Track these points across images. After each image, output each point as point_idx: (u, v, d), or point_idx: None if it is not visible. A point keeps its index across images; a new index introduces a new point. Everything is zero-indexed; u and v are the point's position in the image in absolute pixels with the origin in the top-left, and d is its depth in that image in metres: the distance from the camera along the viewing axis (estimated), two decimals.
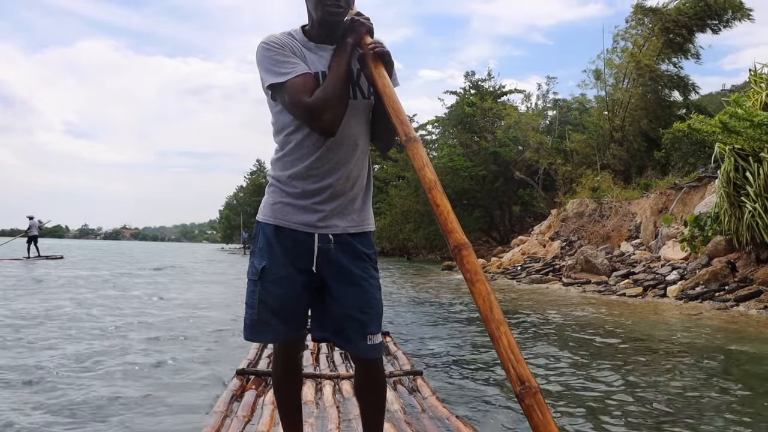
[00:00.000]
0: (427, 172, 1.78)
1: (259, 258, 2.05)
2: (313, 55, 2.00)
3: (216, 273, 19.81)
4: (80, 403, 3.73)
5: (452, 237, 1.67)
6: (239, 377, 3.62)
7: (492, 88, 34.94)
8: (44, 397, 3.89)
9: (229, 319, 7.55)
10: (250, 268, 2.08)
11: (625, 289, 11.07)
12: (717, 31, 20.54)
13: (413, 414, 3.05)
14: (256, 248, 2.08)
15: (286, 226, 2.01)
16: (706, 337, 6.55)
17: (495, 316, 1.54)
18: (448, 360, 5.33)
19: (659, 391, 4.19)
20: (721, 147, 10.31)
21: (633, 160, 21.98)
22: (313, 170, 1.98)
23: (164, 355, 5.33)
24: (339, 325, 2.02)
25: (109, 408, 3.64)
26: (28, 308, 8.07)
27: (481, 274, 1.61)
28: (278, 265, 2.01)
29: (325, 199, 2.00)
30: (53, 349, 5.43)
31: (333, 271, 2.02)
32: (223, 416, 2.95)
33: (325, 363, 4.28)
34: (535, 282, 14.20)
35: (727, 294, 9.12)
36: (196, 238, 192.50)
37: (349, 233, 2.04)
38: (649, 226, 15.30)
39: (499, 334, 1.52)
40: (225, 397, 3.25)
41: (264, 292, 2.01)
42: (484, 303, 1.56)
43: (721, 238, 10.74)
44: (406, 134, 1.86)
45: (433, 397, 3.36)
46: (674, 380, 4.51)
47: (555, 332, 6.97)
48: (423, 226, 31.89)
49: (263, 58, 1.96)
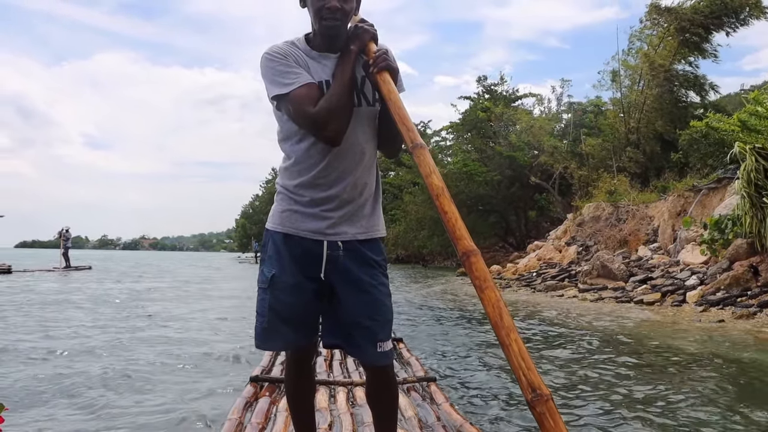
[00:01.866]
0: (434, 179, 1.76)
1: (268, 266, 2.04)
2: (317, 64, 1.99)
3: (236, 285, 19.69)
4: (94, 410, 3.78)
5: (460, 244, 1.66)
6: (253, 384, 3.60)
7: (505, 92, 34.63)
8: (67, 404, 3.95)
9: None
10: (260, 276, 2.08)
11: (642, 295, 10.70)
12: (734, 29, 20.09)
13: (427, 421, 3.02)
14: (266, 256, 2.08)
15: (295, 233, 2.00)
16: (728, 347, 6.21)
17: (505, 323, 1.52)
18: (462, 366, 5.26)
19: (670, 406, 3.90)
20: (740, 146, 9.94)
21: (650, 162, 21.53)
22: (320, 179, 1.98)
23: (180, 361, 5.42)
24: (348, 332, 2.01)
25: (123, 416, 3.67)
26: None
27: (490, 281, 1.59)
28: (288, 273, 2.00)
29: (334, 207, 1.99)
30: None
31: (342, 278, 2.00)
32: (237, 423, 2.94)
33: (339, 369, 4.26)
34: (550, 289, 13.86)
35: (750, 299, 8.74)
36: (214, 248, 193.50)
37: (358, 240, 2.02)
38: (667, 230, 14.88)
39: (509, 341, 1.50)
40: (239, 404, 3.23)
41: (274, 300, 2.01)
42: (493, 310, 1.55)
43: (742, 241, 10.33)
44: (413, 141, 1.83)
45: (446, 404, 3.31)
46: (689, 395, 4.20)
47: (568, 341, 6.66)
48: (437, 233, 31.62)
49: (267, 69, 1.95)
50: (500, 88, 35.71)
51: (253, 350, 5.56)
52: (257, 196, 72.43)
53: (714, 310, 8.79)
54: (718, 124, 8.90)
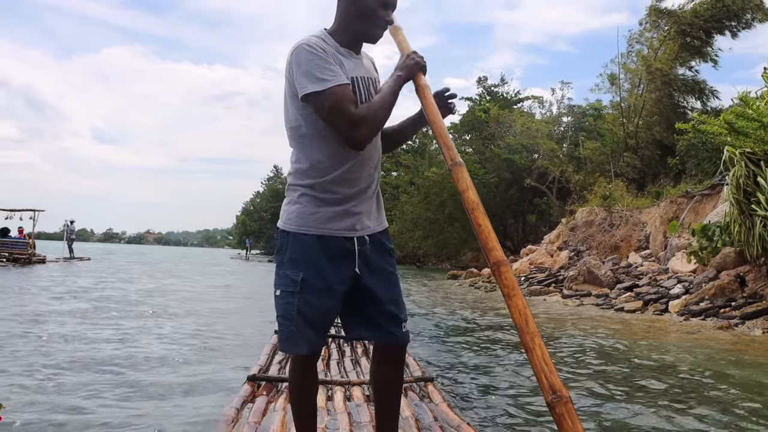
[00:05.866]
0: (471, 194, 1.86)
1: (293, 269, 2.02)
2: (347, 60, 2.03)
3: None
4: (86, 407, 3.74)
5: (492, 254, 1.75)
6: (250, 383, 3.58)
7: (506, 94, 34.21)
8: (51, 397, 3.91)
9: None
10: (282, 279, 2.04)
11: (624, 303, 10.29)
12: (736, 33, 19.60)
13: (424, 421, 3.01)
14: (286, 259, 2.04)
15: (329, 234, 2.02)
16: (693, 359, 5.81)
17: (530, 329, 1.61)
18: (459, 367, 5.26)
19: (616, 419, 3.51)
20: (730, 150, 9.51)
21: (648, 168, 21.08)
22: (351, 173, 2.02)
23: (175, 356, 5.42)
24: (373, 321, 2.08)
25: (119, 414, 3.61)
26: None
27: (518, 289, 1.68)
28: (318, 275, 2.00)
29: (360, 202, 2.06)
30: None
31: (369, 270, 2.06)
32: (233, 422, 2.93)
33: (336, 369, 4.23)
34: (534, 294, 13.44)
35: (733, 311, 8.31)
36: (218, 244, 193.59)
37: (377, 231, 2.12)
38: (659, 237, 14.47)
39: (533, 345, 1.58)
40: (236, 402, 3.21)
41: (303, 304, 2.00)
42: (520, 316, 1.63)
43: (730, 250, 9.91)
44: (452, 159, 1.93)
45: (444, 404, 3.30)
46: (638, 408, 3.81)
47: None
48: (433, 234, 31.24)
49: (306, 62, 1.92)
50: (501, 89, 35.32)
51: (248, 348, 5.82)
52: (258, 193, 72.13)
53: (695, 321, 8.38)
54: (704, 126, 8.43)
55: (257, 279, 19.91)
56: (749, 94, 8.61)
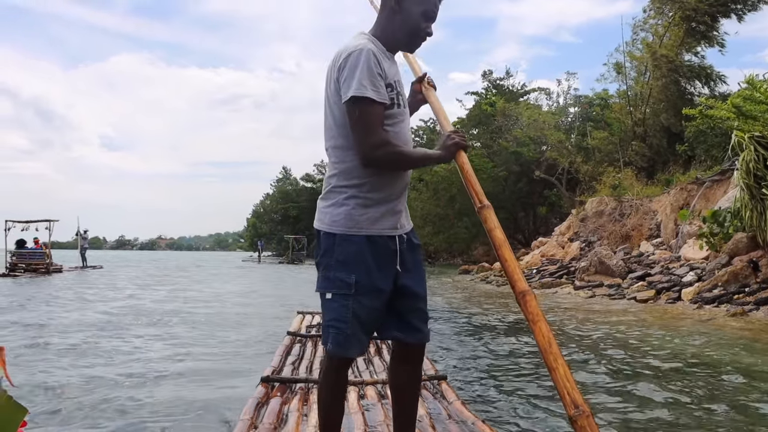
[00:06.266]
0: (498, 233, 1.97)
1: (344, 271, 2.01)
2: (389, 65, 2.06)
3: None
4: (101, 406, 3.84)
5: (518, 285, 1.87)
6: (264, 384, 3.57)
7: (511, 87, 34.06)
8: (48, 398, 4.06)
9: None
10: (332, 282, 2.03)
11: (636, 292, 10.24)
12: (742, 16, 19.36)
13: (438, 418, 2.99)
14: (334, 261, 2.03)
15: (377, 234, 2.03)
16: (706, 348, 5.77)
17: (553, 350, 1.73)
18: (473, 366, 5.26)
19: (620, 412, 3.49)
20: (739, 135, 9.43)
21: (656, 155, 20.93)
22: (396, 172, 2.08)
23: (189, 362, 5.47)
24: (404, 319, 2.10)
25: (133, 414, 3.68)
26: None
27: (541, 316, 1.81)
28: (369, 277, 2.01)
29: (401, 200, 2.12)
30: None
31: (405, 267, 2.09)
32: (249, 424, 2.91)
33: (349, 369, 4.00)
34: (545, 286, 13.40)
35: (747, 297, 8.25)
36: (229, 247, 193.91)
37: (409, 229, 2.17)
38: (670, 224, 14.37)
39: (556, 365, 1.70)
40: (250, 404, 3.20)
41: (357, 306, 2.00)
42: (543, 339, 1.75)
43: (742, 235, 9.82)
44: (481, 202, 2.03)
45: (458, 401, 3.29)
46: (644, 400, 3.79)
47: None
48: (442, 230, 31.18)
49: (364, 66, 1.94)
50: (506, 82, 35.18)
51: (261, 349, 5.94)
52: (268, 195, 72.19)
53: (708, 308, 8.32)
54: (711, 111, 8.35)
55: (278, 282, 19.94)
56: (756, 77, 8.52)
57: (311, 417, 2.99)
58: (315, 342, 5.01)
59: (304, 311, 6.82)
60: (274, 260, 48.75)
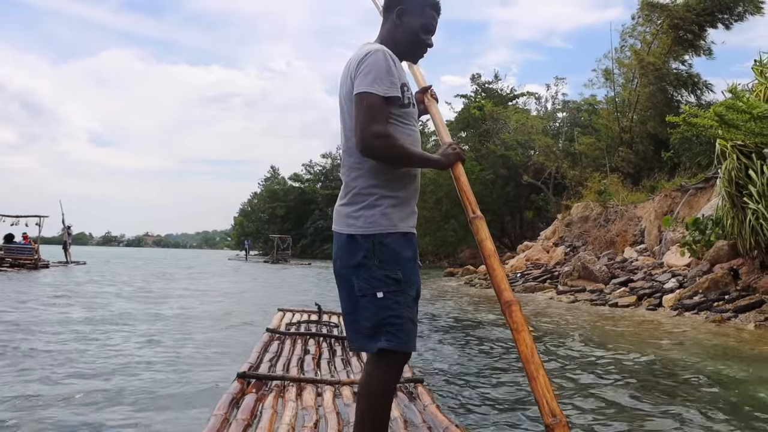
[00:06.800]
0: (488, 243, 2.04)
1: (390, 269, 2.03)
2: (400, 67, 2.15)
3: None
4: (76, 398, 3.84)
5: (504, 295, 1.93)
6: (239, 380, 3.55)
7: (500, 90, 34.20)
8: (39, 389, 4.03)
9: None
10: (381, 281, 2.03)
11: (618, 298, 10.30)
12: (729, 26, 19.58)
13: (413, 422, 3.00)
14: (377, 261, 2.03)
15: (410, 231, 2.11)
16: (683, 355, 5.81)
17: (534, 360, 1.79)
18: (450, 368, 5.24)
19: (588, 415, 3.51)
20: (722, 143, 9.52)
21: (643, 162, 21.09)
22: (416, 170, 2.17)
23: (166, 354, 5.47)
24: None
25: (107, 409, 3.66)
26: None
27: (525, 326, 1.88)
28: (412, 271, 2.08)
29: (415, 200, 2.19)
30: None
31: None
32: (222, 419, 2.90)
33: (327, 368, 4.24)
34: (528, 290, 13.46)
35: (727, 304, 8.32)
36: (217, 245, 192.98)
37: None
38: (654, 231, 14.49)
39: (537, 375, 1.76)
40: (225, 400, 3.18)
41: (408, 299, 2.06)
42: (526, 348, 1.82)
43: (723, 243, 9.92)
44: (474, 212, 2.10)
45: (433, 405, 3.28)
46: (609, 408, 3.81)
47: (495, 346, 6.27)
48: (429, 232, 31.23)
49: (381, 65, 2.03)
50: (495, 86, 35.32)
51: (239, 345, 5.79)
52: (255, 194, 72.03)
53: (688, 315, 8.39)
54: (695, 120, 8.42)
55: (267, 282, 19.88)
56: (738, 87, 8.60)
57: (285, 414, 2.97)
58: (294, 340, 5.00)
59: (284, 309, 6.80)
60: (260, 259, 48.65)
